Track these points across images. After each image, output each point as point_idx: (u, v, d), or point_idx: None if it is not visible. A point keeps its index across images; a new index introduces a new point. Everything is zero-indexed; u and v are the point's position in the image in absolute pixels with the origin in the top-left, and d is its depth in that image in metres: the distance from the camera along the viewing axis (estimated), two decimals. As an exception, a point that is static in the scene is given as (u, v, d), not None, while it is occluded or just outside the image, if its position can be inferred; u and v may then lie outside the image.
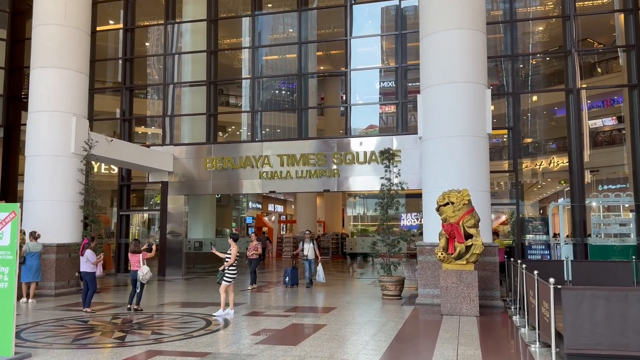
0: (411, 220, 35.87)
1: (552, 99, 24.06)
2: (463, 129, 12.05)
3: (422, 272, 12.05)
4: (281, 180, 18.25)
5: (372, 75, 21.70)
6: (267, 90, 23.66)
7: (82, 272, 11.47)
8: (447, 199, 10.52)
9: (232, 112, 27.30)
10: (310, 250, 15.72)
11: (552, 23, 22.83)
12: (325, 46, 25.92)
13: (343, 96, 33.37)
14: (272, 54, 22.06)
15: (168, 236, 19.17)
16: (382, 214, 12.87)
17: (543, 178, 29.49)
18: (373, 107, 21.65)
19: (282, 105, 25.59)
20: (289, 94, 25.89)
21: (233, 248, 10.64)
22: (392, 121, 25.01)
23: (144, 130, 26.84)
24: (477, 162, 12.09)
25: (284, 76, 21.21)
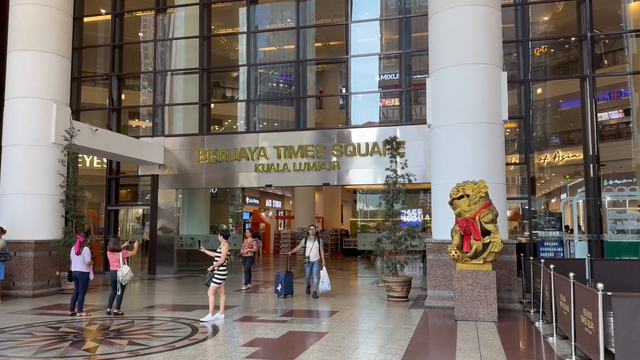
0: (411, 217, 34.71)
1: (557, 92, 22.88)
2: (477, 114, 10.85)
3: (432, 272, 10.86)
4: (278, 174, 17.04)
5: (372, 66, 20.49)
6: (265, 83, 22.42)
7: (75, 271, 10.28)
8: (462, 191, 9.34)
9: (226, 102, 26.10)
10: (314, 250, 12.22)
11: (559, 12, 21.63)
12: (324, 37, 24.69)
13: (342, 89, 32.47)
14: (269, 42, 20.78)
15: (159, 232, 17.94)
16: (387, 208, 11.66)
17: (547, 172, 28.37)
18: (373, 102, 20.40)
19: (280, 100, 24.36)
20: (286, 87, 24.67)
21: (223, 246, 9.44)
22: (393, 115, 23.84)
23: (138, 124, 25.59)
24: (492, 152, 10.90)
25: (282, 62, 19.97)
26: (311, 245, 12.19)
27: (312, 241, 12.27)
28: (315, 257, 12.22)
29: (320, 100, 31.27)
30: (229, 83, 31.37)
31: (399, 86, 17.05)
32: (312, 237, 12.33)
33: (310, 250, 12.16)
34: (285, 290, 12.11)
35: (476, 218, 9.24)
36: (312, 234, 12.41)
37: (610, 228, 15.02)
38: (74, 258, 10.34)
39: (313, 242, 12.25)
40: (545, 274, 8.55)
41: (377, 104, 18.99)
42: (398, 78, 19.09)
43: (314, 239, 12.28)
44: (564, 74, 23.11)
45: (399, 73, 17.25)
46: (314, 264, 12.26)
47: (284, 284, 12.09)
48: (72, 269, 10.38)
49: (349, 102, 17.19)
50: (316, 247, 12.18)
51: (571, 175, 27.46)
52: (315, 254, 12.20)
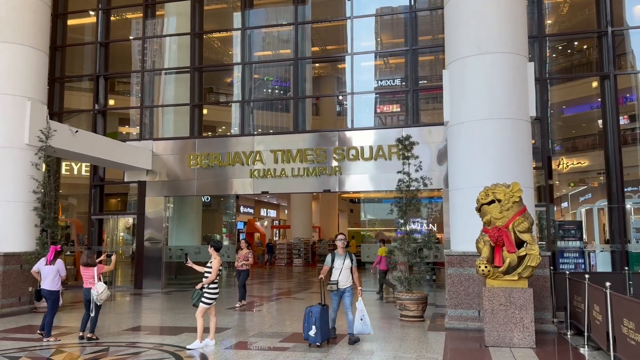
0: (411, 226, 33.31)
1: (561, 97, 21.61)
2: (502, 110, 9.49)
3: (453, 288, 9.41)
4: (275, 179, 15.58)
5: (374, 68, 19.20)
6: (259, 89, 21.04)
7: (43, 289, 8.76)
8: (493, 195, 7.92)
9: (219, 103, 24.71)
10: (345, 272, 8.12)
11: (574, 9, 20.46)
12: (322, 41, 23.40)
13: (339, 96, 31.15)
14: (264, 46, 19.32)
15: (146, 243, 16.41)
16: (400, 216, 10.21)
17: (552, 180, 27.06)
18: (372, 107, 19.11)
19: (275, 106, 22.90)
20: (282, 93, 23.33)
21: (215, 260, 7.97)
22: (393, 121, 22.50)
23: (128, 130, 24.10)
24: (519, 152, 9.52)
25: (280, 61, 18.53)
26: (340, 265, 8.10)
27: (341, 258, 8.16)
28: (347, 282, 8.13)
29: (317, 106, 29.93)
30: (222, 89, 29.97)
31: (404, 86, 15.69)
32: (342, 250, 8.27)
33: (339, 272, 8.10)
34: (322, 334, 7.74)
35: (509, 226, 7.83)
36: (342, 248, 8.28)
37: (635, 237, 13.72)
38: (44, 271, 8.83)
39: (343, 261, 8.14)
40: (595, 292, 7.14)
41: (379, 105, 17.64)
42: (399, 82, 17.82)
43: (343, 255, 8.20)
44: (577, 77, 21.95)
45: (404, 72, 15.88)
46: (345, 293, 8.15)
47: (319, 324, 7.72)
48: (41, 285, 8.87)
49: (352, 102, 15.78)
50: (347, 268, 8.12)
51: (576, 183, 26.24)
52: (346, 277, 8.12)
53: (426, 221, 22.16)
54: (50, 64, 17.74)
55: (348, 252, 8.28)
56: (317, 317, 7.74)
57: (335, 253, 8.29)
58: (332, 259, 8.21)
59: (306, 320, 7.84)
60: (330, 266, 8.17)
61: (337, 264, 8.13)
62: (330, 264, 8.18)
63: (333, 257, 8.23)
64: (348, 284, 8.17)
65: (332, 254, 8.30)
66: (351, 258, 8.23)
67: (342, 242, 8.28)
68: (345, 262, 8.14)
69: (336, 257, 8.21)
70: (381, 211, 19.27)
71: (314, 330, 7.69)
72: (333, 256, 8.25)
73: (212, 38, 22.79)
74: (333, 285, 8.03)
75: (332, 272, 8.11)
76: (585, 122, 25.53)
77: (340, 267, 8.09)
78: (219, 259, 8.01)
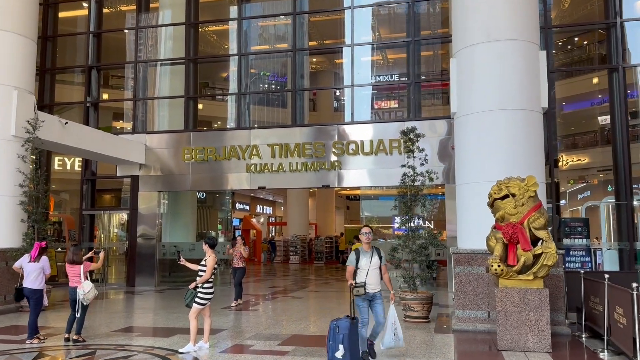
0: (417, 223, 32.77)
1: (561, 94, 21.13)
2: (513, 100, 8.95)
3: (460, 288, 8.88)
4: (272, 174, 15.02)
5: (373, 62, 18.62)
6: (256, 84, 20.46)
7: (25, 288, 8.18)
8: (506, 189, 7.38)
9: (214, 96, 24.08)
10: (374, 273, 6.67)
11: (567, 8, 20.02)
12: (319, 34, 22.79)
13: (337, 92, 30.58)
14: (261, 41, 18.66)
15: (139, 240, 15.81)
16: (405, 212, 9.66)
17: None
18: (372, 101, 18.49)
19: (272, 101, 22.30)
20: (279, 88, 22.77)
21: (209, 258, 7.41)
22: (391, 116, 21.89)
23: (123, 125, 23.45)
24: (531, 144, 8.99)
25: (276, 52, 17.92)
26: (367, 264, 6.59)
27: (367, 256, 6.63)
28: (376, 286, 6.65)
29: (314, 102, 29.37)
30: (218, 84, 29.38)
31: (405, 80, 15.14)
32: (367, 246, 6.70)
33: (366, 272, 6.56)
34: (351, 355, 6.04)
35: (524, 223, 7.29)
36: (367, 243, 6.70)
37: (643, 235, 13.27)
38: (27, 268, 8.25)
39: (370, 259, 6.62)
40: (618, 293, 6.62)
41: (379, 99, 17.08)
42: (400, 75, 17.27)
43: (370, 252, 6.66)
44: (576, 73, 21.50)
45: (406, 64, 15.33)
46: (374, 299, 6.65)
47: (348, 343, 6.03)
48: (24, 284, 8.29)
49: (352, 95, 15.22)
50: (376, 268, 6.64)
51: (575, 180, 25.78)
52: (376, 278, 6.64)
53: (422, 218, 21.63)
54: (41, 55, 17.20)
55: (375, 248, 6.73)
56: (345, 334, 6.03)
57: (359, 250, 6.71)
58: (357, 258, 6.64)
59: (331, 337, 6.12)
60: (355, 266, 6.62)
61: (363, 263, 6.60)
62: (355, 264, 6.62)
63: (358, 256, 6.65)
64: (378, 287, 6.67)
65: (357, 252, 6.71)
66: (380, 255, 6.71)
67: (367, 237, 6.66)
68: (373, 261, 6.61)
69: (361, 255, 6.64)
70: (380, 208, 18.70)
71: (341, 351, 5.98)
72: (357, 254, 6.67)
73: (208, 32, 22.19)
74: (360, 289, 6.37)
75: (357, 273, 6.59)
76: (585, 118, 25.07)
77: (367, 266, 6.58)
78: (214, 256, 7.45)
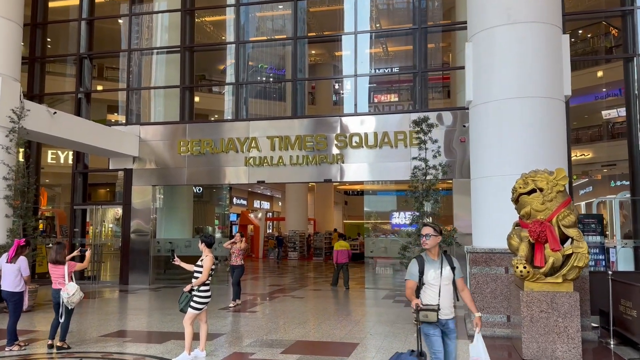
0: (402, 219, 32.13)
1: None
2: (535, 87, 8.24)
3: (477, 290, 8.18)
4: (272, 168, 14.29)
5: (380, 52, 17.89)
6: (254, 77, 19.69)
7: (4, 291, 7.44)
8: (533, 183, 6.67)
9: (211, 86, 23.25)
10: (447, 290, 4.66)
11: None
12: (319, 25, 22.01)
13: (336, 85, 29.81)
14: (259, 34, 17.78)
15: (132, 235, 15.06)
16: (417, 207, 8.94)
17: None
18: (376, 92, 17.78)
19: (270, 95, 21.51)
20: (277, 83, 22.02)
21: (206, 258, 6.69)
22: (397, 108, 21.13)
23: (118, 118, 22.64)
24: (554, 135, 8.30)
25: (275, 40, 17.14)
26: (437, 278, 4.65)
27: (435, 266, 4.70)
28: (449, 311, 4.69)
29: (313, 95, 28.62)
30: (215, 76, 28.62)
31: (410, 67, 14.40)
32: (435, 255, 4.74)
33: (437, 290, 4.62)
34: None
35: (553, 220, 6.59)
36: (432, 246, 4.73)
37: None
38: (4, 268, 7.51)
39: (440, 269, 4.68)
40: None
41: (384, 89, 16.34)
42: (405, 64, 16.54)
43: (438, 260, 4.73)
44: (580, 66, 20.73)
45: (412, 53, 14.58)
46: (447, 330, 4.71)
47: None
48: (1, 286, 7.55)
49: (355, 85, 14.47)
50: (448, 282, 4.68)
51: (578, 175, 25.14)
52: (449, 298, 4.70)
53: (433, 215, 20.93)
54: (30, 43, 16.38)
55: (445, 255, 4.74)
56: None
57: (424, 257, 4.69)
58: (421, 269, 4.62)
59: None
60: (419, 281, 4.60)
61: (431, 276, 4.58)
62: (418, 277, 4.60)
63: (422, 266, 4.63)
64: (452, 313, 4.68)
65: (420, 260, 4.69)
66: (452, 264, 4.69)
67: (432, 240, 4.64)
68: (444, 272, 4.61)
69: (427, 265, 4.63)
70: (385, 203, 18.01)
71: None
72: (422, 263, 4.64)
73: (205, 22, 21.41)
74: (431, 314, 4.42)
75: (423, 291, 4.60)
76: (588, 113, 24.39)
77: (438, 281, 4.57)
78: (211, 256, 6.73)
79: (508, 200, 7.82)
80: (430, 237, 4.64)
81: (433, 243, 4.65)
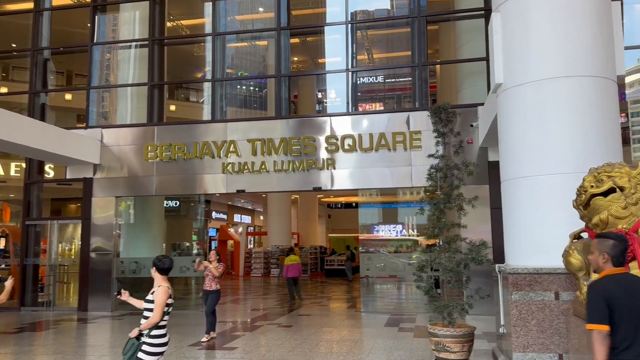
0: (389, 232, 30.26)
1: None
2: (583, 64, 6.44)
3: (520, 322, 6.25)
4: (253, 175, 12.33)
5: (374, 44, 16.05)
6: (233, 86, 17.78)
7: None
8: (610, 181, 4.80)
9: (183, 82, 21.23)
10: None
11: None
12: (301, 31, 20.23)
13: (318, 94, 28.02)
14: (238, 39, 15.86)
15: (92, 255, 12.88)
16: (436, 217, 7.01)
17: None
18: (371, 89, 15.93)
19: (251, 104, 19.54)
20: (257, 90, 20.12)
21: (158, 290, 4.69)
22: (394, 106, 19.17)
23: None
24: (607, 123, 6.48)
25: (256, 31, 15.11)
26: None
27: None
28: None
29: (295, 104, 26.73)
30: (193, 85, 26.76)
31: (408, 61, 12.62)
32: None
33: None
34: None
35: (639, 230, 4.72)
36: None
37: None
38: None
39: None
40: None
41: (380, 86, 14.56)
42: (403, 58, 14.77)
43: None
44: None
45: (410, 45, 12.81)
46: None
47: None
48: None
49: (349, 80, 12.61)
50: None
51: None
52: None
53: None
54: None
55: None
56: None
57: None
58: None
59: None
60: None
61: None
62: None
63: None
64: None
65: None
66: None
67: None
68: None
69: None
70: (379, 215, 16.12)
71: None
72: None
73: (180, 26, 19.54)
74: None
75: None
76: None
77: None
78: (166, 287, 4.71)
79: (553, 206, 6.07)
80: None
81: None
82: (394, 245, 17.62)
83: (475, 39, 12.41)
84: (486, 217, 10.90)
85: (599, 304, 2.97)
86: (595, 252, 3.23)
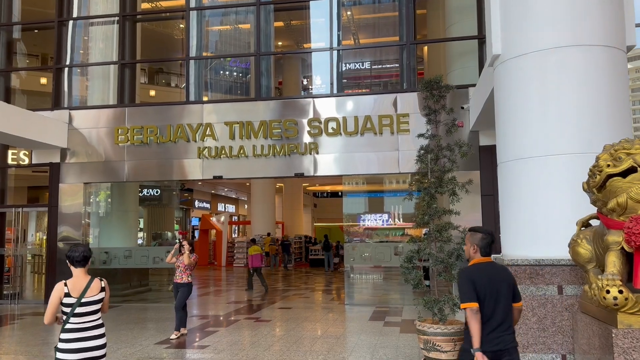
0: (374, 222, 29.64)
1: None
2: (591, 32, 5.74)
3: (521, 318, 5.58)
4: (231, 161, 11.55)
5: (362, 23, 15.22)
6: (216, 71, 16.91)
7: None
8: (630, 160, 4.12)
9: (155, 61, 20.39)
10: None
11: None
12: (286, 15, 19.36)
13: (304, 80, 27.19)
14: (221, 21, 14.97)
15: (60, 244, 12.02)
16: (426, 202, 6.30)
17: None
18: (357, 69, 15.16)
19: (234, 91, 18.65)
20: (241, 76, 19.25)
21: (54, 288, 4.08)
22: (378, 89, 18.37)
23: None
24: (616, 97, 5.80)
25: (234, 6, 14.09)
26: None
27: None
28: None
29: (280, 90, 25.89)
30: (174, 69, 25.81)
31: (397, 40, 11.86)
32: None
33: None
34: None
35: (663, 216, 4.04)
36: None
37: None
38: None
39: None
40: None
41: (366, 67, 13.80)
42: (391, 36, 13.99)
43: None
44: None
45: (397, 24, 12.05)
46: None
47: None
48: None
49: (333, 59, 11.82)
50: None
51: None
52: None
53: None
54: None
55: None
56: None
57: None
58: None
59: None
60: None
61: None
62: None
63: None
64: None
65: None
66: None
67: None
68: None
69: None
70: (364, 204, 15.50)
71: None
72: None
73: (159, 7, 18.54)
74: None
75: None
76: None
77: None
78: (62, 283, 4.06)
79: (557, 190, 5.42)
80: None
81: None
82: (380, 235, 16.98)
83: (465, 19, 11.72)
84: (477, 204, 10.23)
85: (468, 286, 3.53)
86: (468, 244, 3.81)
